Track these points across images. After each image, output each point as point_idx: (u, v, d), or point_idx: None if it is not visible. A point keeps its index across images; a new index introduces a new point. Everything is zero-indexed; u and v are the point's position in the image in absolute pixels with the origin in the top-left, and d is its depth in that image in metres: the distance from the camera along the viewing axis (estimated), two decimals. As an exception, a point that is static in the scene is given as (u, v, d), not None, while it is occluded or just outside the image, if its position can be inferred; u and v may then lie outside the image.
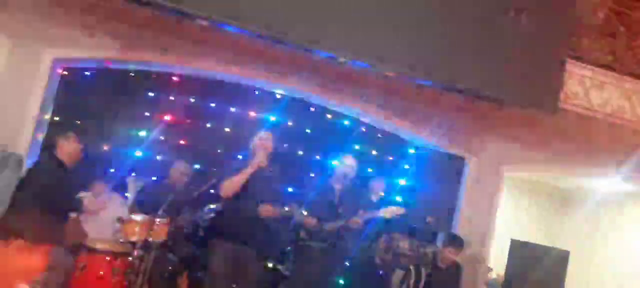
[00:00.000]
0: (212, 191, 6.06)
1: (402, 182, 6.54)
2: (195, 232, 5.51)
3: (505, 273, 6.27)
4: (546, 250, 6.12)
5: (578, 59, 5.87)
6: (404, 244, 4.49)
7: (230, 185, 4.42)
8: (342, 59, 5.29)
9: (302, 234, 4.78)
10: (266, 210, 4.53)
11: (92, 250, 4.00)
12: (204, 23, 5.04)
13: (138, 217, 4.21)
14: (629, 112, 6.11)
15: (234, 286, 4.44)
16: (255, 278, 4.53)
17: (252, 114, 6.49)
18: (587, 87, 6.00)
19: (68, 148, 4.48)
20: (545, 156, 6.61)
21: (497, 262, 7.50)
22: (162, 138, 6.21)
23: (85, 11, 5.55)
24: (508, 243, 6.68)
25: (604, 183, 7.70)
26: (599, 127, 6.17)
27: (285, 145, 6.51)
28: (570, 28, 5.72)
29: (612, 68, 6.06)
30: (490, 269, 8.26)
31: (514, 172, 6.90)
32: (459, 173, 6.41)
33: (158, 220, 4.22)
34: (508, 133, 6.43)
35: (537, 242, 9.45)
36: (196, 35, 5.67)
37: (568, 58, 5.75)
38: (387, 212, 4.75)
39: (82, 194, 4.51)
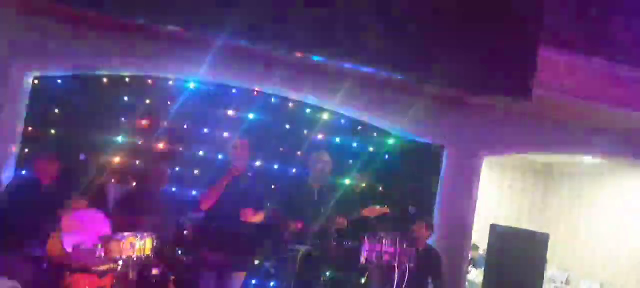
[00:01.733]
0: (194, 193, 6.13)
1: (382, 172, 6.58)
2: (180, 237, 5.50)
3: (486, 258, 6.39)
4: (526, 234, 6.24)
5: (550, 43, 5.93)
6: (387, 242, 4.54)
7: (209, 196, 4.43)
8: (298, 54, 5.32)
9: (286, 237, 4.81)
10: (248, 215, 4.55)
11: (75, 270, 3.96)
12: (176, 29, 4.99)
13: (120, 235, 4.17)
14: (601, 93, 6.22)
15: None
16: (241, 285, 4.56)
17: (230, 113, 6.43)
18: (560, 72, 6.09)
19: (45, 166, 4.41)
20: (523, 139, 6.73)
21: (482, 240, 7.66)
22: (139, 143, 6.14)
23: (54, 19, 5.43)
24: (488, 221, 6.82)
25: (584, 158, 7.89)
26: (573, 109, 6.28)
27: (264, 142, 6.51)
28: (542, 13, 5.77)
29: (584, 50, 6.15)
30: (477, 247, 8.45)
31: (493, 156, 7.01)
32: (438, 161, 6.47)
33: (140, 235, 4.20)
34: (485, 119, 6.51)
35: (521, 218, 9.72)
36: (169, 38, 5.61)
37: (541, 43, 5.81)
38: (371, 212, 4.79)
39: (61, 211, 4.44)
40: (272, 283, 5.88)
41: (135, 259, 4.07)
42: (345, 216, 4.90)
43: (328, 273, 4.90)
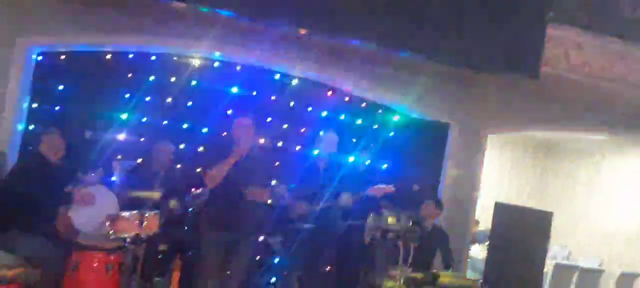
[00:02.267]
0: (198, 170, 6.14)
1: (387, 150, 6.58)
2: (185, 215, 5.52)
3: (490, 236, 6.40)
4: (530, 212, 6.24)
5: (557, 20, 5.88)
6: (392, 220, 4.56)
7: (214, 174, 4.41)
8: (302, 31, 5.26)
9: (292, 216, 4.83)
10: (253, 193, 4.54)
11: (84, 248, 4.00)
12: (181, 5, 4.95)
13: (127, 213, 4.20)
14: (609, 71, 6.19)
15: (228, 273, 4.49)
16: (247, 263, 4.58)
17: (234, 90, 6.41)
18: (566, 49, 6.04)
19: (51, 144, 4.41)
20: (528, 118, 6.71)
21: (482, 216, 7.71)
22: (144, 119, 6.13)
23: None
24: (489, 197, 6.84)
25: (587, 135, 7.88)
26: (579, 87, 6.25)
27: (268, 119, 6.50)
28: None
29: (591, 28, 6.09)
30: (477, 223, 8.49)
31: (498, 133, 7.00)
32: (442, 139, 6.47)
33: (147, 213, 4.23)
34: (490, 97, 6.49)
35: (521, 195, 9.75)
36: (174, 14, 5.57)
37: (548, 21, 5.76)
38: (376, 191, 4.80)
39: (70, 188, 4.46)
40: (276, 260, 5.93)
41: (143, 236, 4.10)
42: (351, 194, 4.90)
43: (333, 251, 4.91)
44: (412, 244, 4.57)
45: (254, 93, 6.44)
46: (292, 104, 6.59)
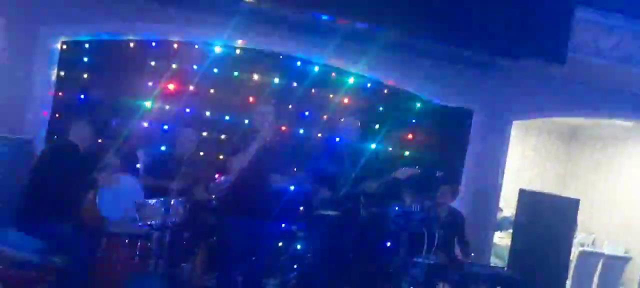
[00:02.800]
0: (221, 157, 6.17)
1: (410, 136, 6.52)
2: (209, 201, 5.55)
3: (515, 223, 6.35)
4: (556, 199, 6.17)
5: (586, 3, 5.73)
6: (416, 207, 4.53)
7: (238, 162, 4.42)
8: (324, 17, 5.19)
9: (314, 203, 4.82)
10: (276, 180, 4.55)
11: (111, 234, 4.04)
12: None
13: (154, 201, 4.24)
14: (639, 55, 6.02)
15: (253, 259, 4.51)
16: (269, 249, 4.60)
17: (256, 77, 6.40)
18: (595, 32, 5.89)
19: (81, 132, 4.46)
20: (554, 103, 6.58)
21: (504, 203, 7.62)
22: (167, 107, 6.17)
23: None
24: (512, 183, 6.75)
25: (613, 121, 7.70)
26: (608, 72, 6.10)
27: (289, 107, 6.49)
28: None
29: (623, 10, 5.92)
30: (500, 209, 8.40)
31: (522, 119, 6.89)
32: (466, 126, 6.39)
33: (173, 201, 4.26)
34: (515, 82, 6.38)
35: (544, 181, 9.60)
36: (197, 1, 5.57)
37: (576, 3, 5.61)
38: (402, 174, 4.77)
39: (95, 176, 4.51)
40: (298, 246, 5.94)
41: (169, 224, 4.13)
42: (375, 180, 4.87)
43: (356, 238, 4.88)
44: (437, 231, 4.53)
45: (276, 80, 6.43)
46: (313, 91, 6.56)
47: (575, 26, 5.47)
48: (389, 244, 5.16)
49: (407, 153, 6.55)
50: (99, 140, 4.70)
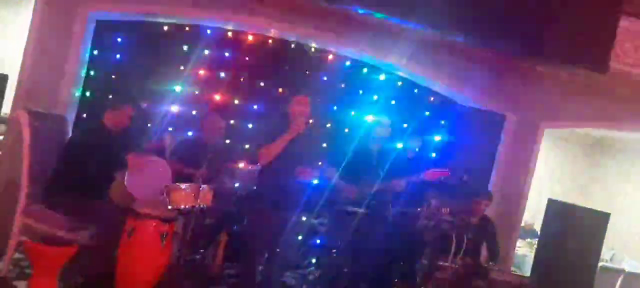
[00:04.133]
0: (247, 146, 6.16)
1: (439, 138, 6.44)
2: (233, 189, 5.54)
3: (541, 232, 6.23)
4: (586, 211, 6.03)
5: (631, 13, 5.58)
6: (445, 210, 4.46)
7: (268, 152, 4.38)
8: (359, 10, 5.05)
9: (339, 199, 4.77)
10: (303, 173, 4.50)
11: (140, 215, 4.04)
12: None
13: (185, 185, 4.23)
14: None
15: (278, 250, 4.48)
16: (291, 242, 4.56)
17: (286, 68, 6.37)
18: (636, 44, 5.74)
19: (116, 118, 4.48)
20: (588, 114, 6.42)
21: (529, 214, 7.49)
22: (197, 92, 6.16)
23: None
24: (532, 191, 6.60)
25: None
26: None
27: (318, 100, 6.44)
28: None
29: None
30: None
31: (554, 128, 6.75)
32: (497, 130, 6.28)
33: (203, 186, 4.24)
34: (551, 90, 6.24)
35: (567, 191, 9.43)
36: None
37: (621, 11, 5.46)
38: (431, 175, 4.70)
39: (126, 156, 4.51)
40: (321, 241, 5.90)
41: (197, 209, 4.12)
42: (404, 179, 4.81)
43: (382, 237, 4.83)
44: (466, 236, 4.46)
45: (307, 72, 6.39)
46: (343, 85, 6.50)
47: (617, 35, 5.32)
48: (414, 245, 5.07)
49: (433, 155, 6.48)
50: (129, 122, 4.69)
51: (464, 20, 5.28)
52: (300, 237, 5.87)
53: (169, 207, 4.14)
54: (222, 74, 6.22)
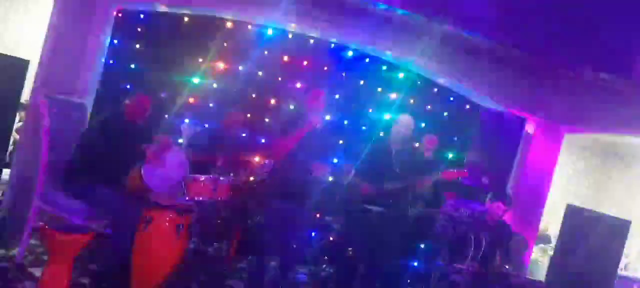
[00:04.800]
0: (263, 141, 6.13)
1: (458, 138, 6.37)
2: (250, 183, 5.50)
3: (559, 238, 6.12)
4: (606, 218, 5.91)
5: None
6: (464, 211, 4.39)
7: (283, 146, 4.34)
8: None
9: (354, 196, 4.71)
10: (319, 168, 4.45)
11: (157, 206, 4.02)
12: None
13: (203, 177, 4.20)
14: None
15: (293, 246, 4.44)
16: (305, 238, 4.52)
17: (305, 63, 6.33)
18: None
19: (134, 108, 4.47)
20: (608, 120, 6.28)
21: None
22: (214, 85, 6.15)
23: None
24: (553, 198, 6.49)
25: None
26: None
27: (337, 96, 6.40)
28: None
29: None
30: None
31: (575, 133, 6.63)
32: (517, 133, 6.19)
33: (222, 178, 4.21)
34: (574, 96, 6.10)
35: (579, 197, 9.27)
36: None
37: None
38: (450, 174, 4.63)
39: (144, 146, 4.49)
40: (331, 238, 5.85)
41: (214, 201, 4.08)
42: (423, 179, 4.74)
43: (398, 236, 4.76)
44: (484, 239, 4.39)
45: (325, 68, 6.34)
46: (362, 82, 6.45)
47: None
48: (431, 246, 5.01)
49: (450, 155, 6.41)
50: (147, 112, 4.67)
51: (488, 20, 5.19)
52: (313, 234, 5.83)
53: (186, 199, 4.11)
54: (241, 68, 6.19)
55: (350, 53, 6.36)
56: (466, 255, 4.42)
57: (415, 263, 5.05)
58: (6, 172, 5.03)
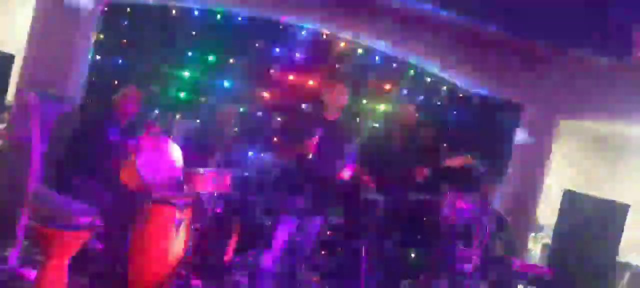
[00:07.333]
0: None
1: (456, 126, 6.33)
2: (245, 179, 5.41)
3: (556, 223, 6.12)
4: (603, 203, 5.92)
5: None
6: (469, 200, 4.35)
7: (307, 145, 4.21)
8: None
9: (363, 187, 4.63)
10: (327, 166, 4.34)
11: (155, 200, 3.88)
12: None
13: (203, 170, 4.08)
14: None
15: (297, 241, 4.36)
16: (312, 239, 4.44)
17: (298, 55, 6.23)
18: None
19: (124, 102, 4.34)
20: (608, 108, 6.22)
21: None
22: (206, 79, 6.02)
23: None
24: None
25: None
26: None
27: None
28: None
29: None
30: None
31: (570, 119, 6.61)
32: (513, 121, 6.17)
33: (220, 172, 4.10)
34: (570, 81, 6.08)
35: (577, 186, 9.30)
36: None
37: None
38: (454, 161, 4.59)
39: (137, 139, 4.35)
40: (328, 232, 5.75)
41: (215, 195, 3.98)
42: (426, 167, 4.68)
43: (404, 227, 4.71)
44: (489, 227, 4.35)
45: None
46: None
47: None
48: (434, 234, 4.95)
49: (444, 145, 6.34)
50: (137, 106, 4.53)
51: (482, 5, 5.16)
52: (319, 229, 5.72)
53: (186, 192, 3.99)
54: (232, 60, 6.07)
55: (360, 51, 6.25)
56: (470, 243, 4.37)
57: (420, 251, 4.99)
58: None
